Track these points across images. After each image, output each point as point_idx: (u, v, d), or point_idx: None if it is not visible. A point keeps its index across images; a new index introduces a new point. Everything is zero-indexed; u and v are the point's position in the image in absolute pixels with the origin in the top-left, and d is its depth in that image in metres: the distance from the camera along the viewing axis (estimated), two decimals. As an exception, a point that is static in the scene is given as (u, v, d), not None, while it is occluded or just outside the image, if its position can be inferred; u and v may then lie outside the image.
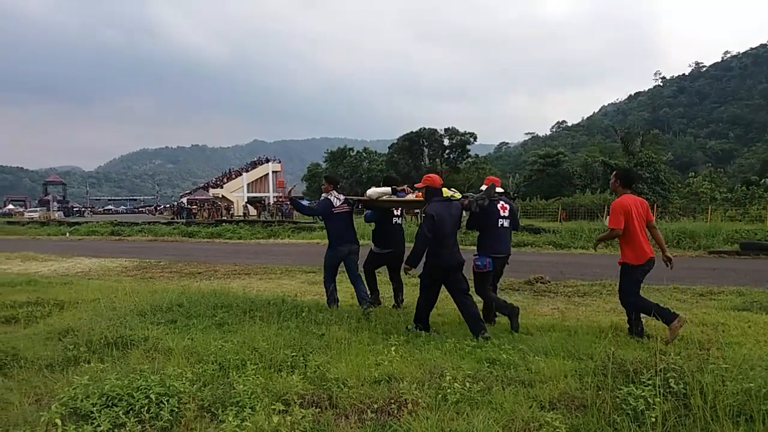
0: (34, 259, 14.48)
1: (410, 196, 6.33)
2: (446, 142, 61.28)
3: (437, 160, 61.64)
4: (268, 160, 69.64)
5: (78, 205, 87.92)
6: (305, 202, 8.20)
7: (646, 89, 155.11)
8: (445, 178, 58.19)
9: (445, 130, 60.87)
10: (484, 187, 5.79)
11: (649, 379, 3.21)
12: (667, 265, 5.30)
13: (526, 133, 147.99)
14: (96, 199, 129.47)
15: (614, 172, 5.46)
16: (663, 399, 3.00)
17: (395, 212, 6.85)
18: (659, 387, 3.08)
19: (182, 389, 3.24)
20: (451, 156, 61.87)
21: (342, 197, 6.69)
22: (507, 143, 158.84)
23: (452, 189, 5.93)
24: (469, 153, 62.38)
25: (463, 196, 5.81)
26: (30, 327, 5.54)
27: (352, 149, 75.45)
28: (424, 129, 60.93)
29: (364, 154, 74.07)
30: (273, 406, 3.06)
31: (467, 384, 3.44)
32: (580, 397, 3.29)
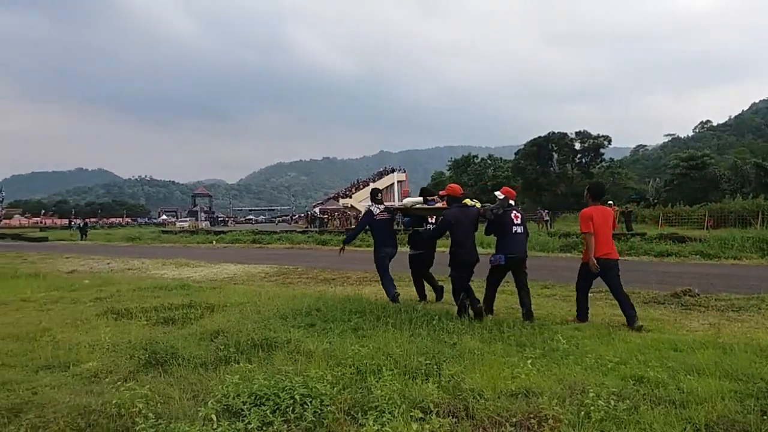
0: (186, 265, 15.66)
1: (438, 205, 7.25)
2: (577, 146, 58.75)
3: (568, 165, 59.29)
4: (393, 170, 70.94)
5: (222, 215, 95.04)
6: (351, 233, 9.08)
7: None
8: (578, 183, 55.88)
9: (577, 133, 58.38)
10: (501, 196, 6.53)
11: (825, 405, 2.86)
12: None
13: (666, 135, 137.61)
14: (238, 210, 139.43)
15: (588, 186, 6.70)
16: None
17: (430, 219, 7.60)
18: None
19: (324, 391, 3.36)
20: (583, 160, 59.23)
21: (382, 206, 7.74)
22: (644, 146, 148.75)
23: (474, 199, 6.88)
24: (603, 157, 59.33)
25: (482, 206, 6.68)
26: (185, 328, 5.92)
27: (476, 157, 74.85)
28: (553, 133, 58.90)
29: (489, 161, 73.15)
30: (411, 413, 3.08)
31: (612, 402, 3.24)
32: (742, 421, 3.01)
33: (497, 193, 6.69)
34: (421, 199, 7.71)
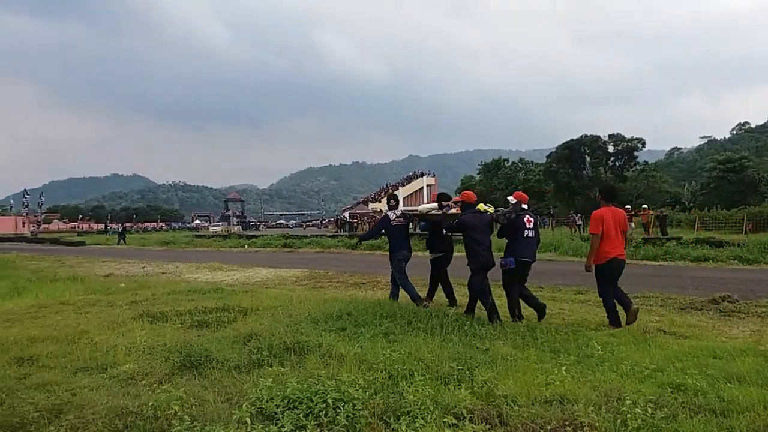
0: (219, 269, 15.84)
1: (453, 210, 7.50)
2: (611, 149, 57.70)
3: (601, 168, 58.29)
4: (422, 175, 70.92)
5: (254, 220, 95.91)
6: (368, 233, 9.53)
7: None
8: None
9: (610, 136, 57.37)
10: (513, 200, 6.74)
11: None
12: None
13: (702, 137, 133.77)
14: (269, 214, 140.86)
15: (599, 189, 6.96)
16: None
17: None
18: None
19: (356, 395, 3.36)
20: (617, 164, 58.17)
21: (399, 212, 7.97)
22: (679, 148, 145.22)
23: (488, 204, 7.03)
24: (637, 160, 58.21)
25: (495, 210, 6.88)
26: (219, 331, 5.97)
27: (507, 160, 74.21)
28: (586, 136, 58.01)
29: (520, 165, 72.43)
30: (444, 419, 3.06)
31: (649, 410, 3.17)
32: (787, 432, 2.90)
33: (510, 197, 6.92)
34: (436, 204, 8.06)
